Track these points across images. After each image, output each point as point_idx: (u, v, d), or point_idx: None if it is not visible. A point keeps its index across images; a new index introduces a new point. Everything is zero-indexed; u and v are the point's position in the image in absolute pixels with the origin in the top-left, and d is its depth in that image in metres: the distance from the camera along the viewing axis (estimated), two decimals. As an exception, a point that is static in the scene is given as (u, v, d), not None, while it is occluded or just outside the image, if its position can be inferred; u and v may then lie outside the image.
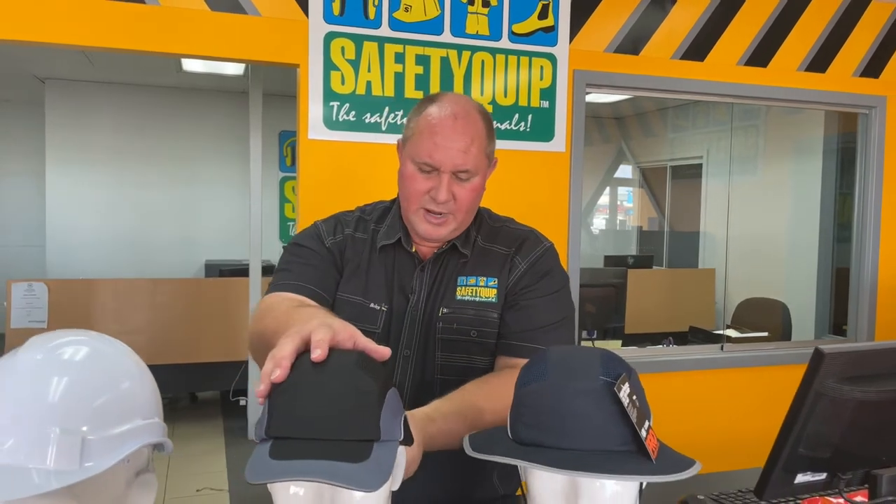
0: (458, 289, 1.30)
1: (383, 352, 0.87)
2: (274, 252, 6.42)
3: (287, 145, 6.84)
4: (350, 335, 0.87)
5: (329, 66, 2.76)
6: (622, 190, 7.61)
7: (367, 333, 1.24)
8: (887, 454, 1.14)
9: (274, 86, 5.24)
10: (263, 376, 0.83)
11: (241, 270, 5.31)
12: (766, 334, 4.13)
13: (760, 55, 3.33)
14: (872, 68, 3.49)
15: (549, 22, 3.01)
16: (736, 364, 3.41)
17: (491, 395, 1.14)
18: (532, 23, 2.99)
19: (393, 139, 2.83)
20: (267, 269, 5.48)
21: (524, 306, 1.29)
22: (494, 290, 1.30)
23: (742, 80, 3.31)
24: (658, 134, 6.86)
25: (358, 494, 0.79)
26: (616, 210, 7.64)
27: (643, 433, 0.83)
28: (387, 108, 2.83)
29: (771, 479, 1.09)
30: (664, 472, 0.80)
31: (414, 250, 1.34)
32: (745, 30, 3.29)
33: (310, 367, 0.83)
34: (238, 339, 4.79)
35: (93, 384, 0.76)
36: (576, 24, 3.05)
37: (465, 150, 1.24)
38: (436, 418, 1.02)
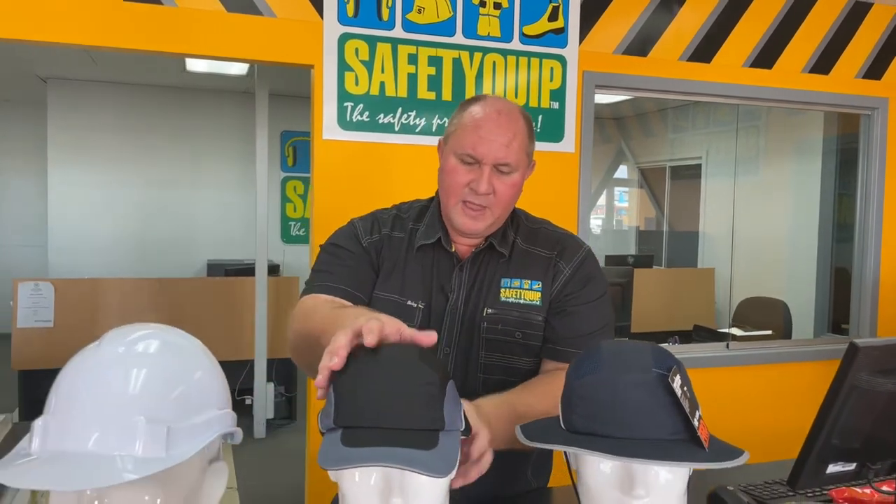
0: (502, 290, 1.33)
1: (430, 337, 0.90)
2: (276, 252, 6.44)
3: (289, 145, 6.86)
4: (396, 328, 0.89)
5: (343, 66, 2.78)
6: (617, 190, 7.66)
7: None
8: (916, 445, 1.18)
9: (277, 86, 5.26)
10: (322, 369, 0.86)
11: (246, 270, 5.32)
12: (769, 332, 4.18)
13: (765, 57, 3.37)
14: (875, 70, 3.54)
15: (559, 24, 3.04)
16: (741, 362, 3.45)
17: (544, 394, 1.17)
18: (542, 25, 3.02)
19: (406, 139, 2.88)
20: (272, 269, 5.51)
21: (571, 312, 1.32)
22: (538, 294, 1.33)
23: (747, 81, 3.36)
24: (658, 134, 6.91)
25: (424, 483, 0.82)
26: (613, 210, 7.69)
27: (695, 422, 0.86)
28: (400, 109, 2.86)
29: (805, 470, 1.12)
30: (717, 459, 0.83)
31: (453, 250, 1.36)
32: (750, 32, 3.34)
33: (373, 359, 0.86)
34: (243, 339, 4.81)
35: (170, 375, 0.79)
36: (585, 26, 3.09)
37: (508, 144, 1.28)
38: (491, 420, 1.04)
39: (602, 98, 3.17)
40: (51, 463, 0.70)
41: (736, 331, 4.14)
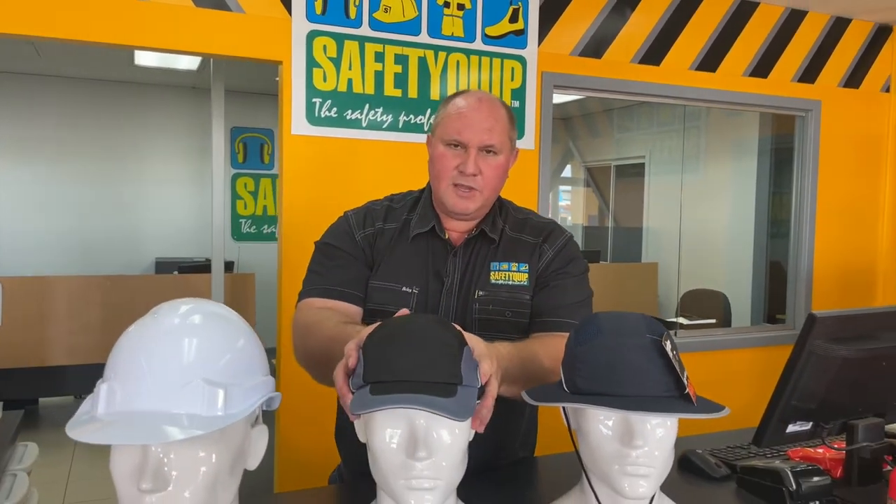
0: (492, 273, 1.43)
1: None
2: (227, 250, 6.38)
3: (239, 141, 6.80)
4: None
5: (311, 63, 2.83)
6: (563, 189, 7.87)
7: None
8: (864, 406, 1.33)
9: (227, 82, 5.22)
10: (339, 368, 0.98)
11: (198, 267, 5.28)
12: (714, 321, 4.41)
13: (709, 61, 3.58)
14: (809, 74, 3.80)
15: (519, 25, 3.16)
16: (688, 349, 3.64)
17: (546, 345, 1.29)
18: (503, 26, 3.14)
19: (373, 135, 2.96)
20: (226, 267, 5.46)
21: (554, 286, 1.44)
22: (525, 275, 1.44)
23: (693, 83, 3.56)
24: (604, 134, 7.14)
25: (446, 437, 0.91)
26: (558, 208, 7.89)
27: (685, 381, 0.97)
28: (367, 105, 2.93)
29: (768, 429, 1.26)
30: (706, 411, 0.95)
31: (446, 237, 1.46)
32: (696, 37, 3.53)
33: (398, 325, 0.96)
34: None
35: (219, 343, 0.85)
36: (544, 29, 3.22)
37: (491, 128, 1.39)
38: (501, 352, 1.13)
39: (555, 98, 3.31)
40: (120, 422, 0.76)
41: (682, 320, 4.36)
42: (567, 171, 7.74)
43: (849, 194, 3.97)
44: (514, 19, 3.16)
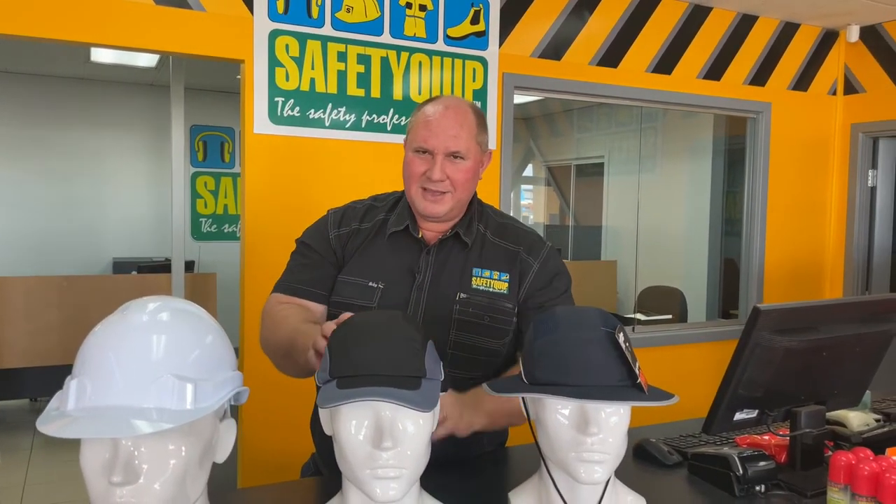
0: (474, 279, 1.49)
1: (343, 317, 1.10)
2: (187, 249, 6.29)
3: (199, 140, 6.73)
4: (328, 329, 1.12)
5: (274, 62, 2.84)
6: (524, 188, 7.96)
7: (363, 309, 1.43)
8: (805, 394, 1.40)
9: (187, 79, 5.16)
10: (312, 353, 1.11)
11: (157, 267, 5.21)
12: (670, 317, 4.52)
13: (665, 64, 3.68)
14: (760, 77, 3.93)
15: (480, 27, 3.21)
16: (646, 344, 3.75)
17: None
18: (465, 27, 3.18)
19: (336, 134, 2.98)
20: (187, 266, 5.40)
21: (544, 307, 1.48)
22: (506, 284, 1.49)
23: (649, 85, 3.65)
24: (564, 134, 7.24)
25: (410, 428, 0.95)
26: (520, 207, 7.98)
27: (636, 371, 1.02)
28: (330, 105, 2.94)
29: (717, 417, 1.32)
30: (656, 399, 1.00)
31: (420, 236, 1.51)
32: (652, 40, 3.63)
33: (363, 320, 0.99)
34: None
35: (188, 339, 0.87)
36: (505, 30, 3.27)
37: (456, 135, 1.44)
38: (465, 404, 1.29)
39: (515, 99, 3.36)
40: (91, 417, 0.78)
41: (640, 316, 4.46)
42: (529, 171, 7.84)
43: (797, 193, 4.11)
44: (475, 21, 3.20)
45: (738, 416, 1.36)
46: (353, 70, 2.98)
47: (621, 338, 1.03)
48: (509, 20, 3.29)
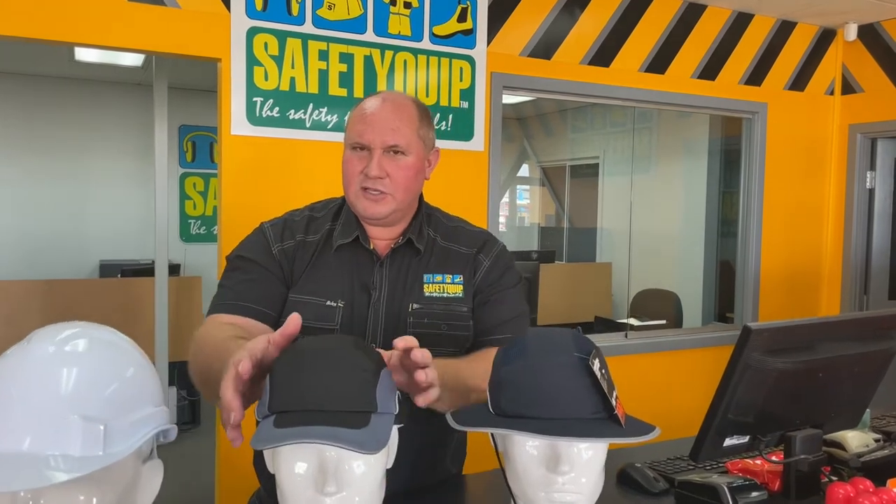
0: (426, 286, 1.37)
1: (294, 320, 0.94)
2: (175, 251, 6.20)
3: (188, 140, 6.62)
4: (264, 344, 0.92)
5: (252, 61, 2.74)
6: (521, 189, 7.87)
7: (325, 331, 1.30)
8: (801, 417, 1.31)
9: (174, 79, 5.06)
10: (226, 425, 0.88)
11: (143, 270, 5.10)
12: (664, 322, 4.43)
13: (658, 63, 3.58)
14: (755, 77, 3.83)
15: (467, 25, 3.11)
16: (639, 350, 3.65)
17: (480, 361, 1.23)
18: (452, 25, 3.08)
19: (317, 136, 2.87)
20: (172, 269, 5.30)
21: (494, 301, 1.39)
22: (460, 287, 1.38)
23: (642, 85, 3.55)
24: (558, 134, 7.15)
25: (358, 468, 0.85)
26: (515, 208, 7.89)
27: (613, 402, 0.93)
28: (311, 105, 2.84)
29: (704, 444, 1.23)
30: (634, 434, 0.90)
31: (371, 247, 1.38)
32: (644, 39, 3.53)
33: (308, 347, 0.89)
34: (143, 343, 4.52)
35: (103, 373, 0.77)
36: (493, 28, 3.17)
37: (395, 128, 1.32)
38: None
39: (505, 98, 3.27)
40: (-19, 465, 0.68)
41: (633, 321, 4.37)
42: (525, 171, 7.74)
43: (794, 195, 4.02)
44: (462, 18, 3.10)
45: (728, 441, 1.27)
46: (335, 69, 2.88)
47: (596, 364, 0.94)
48: (498, 18, 3.19)
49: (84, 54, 5.12)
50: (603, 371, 0.95)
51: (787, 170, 3.98)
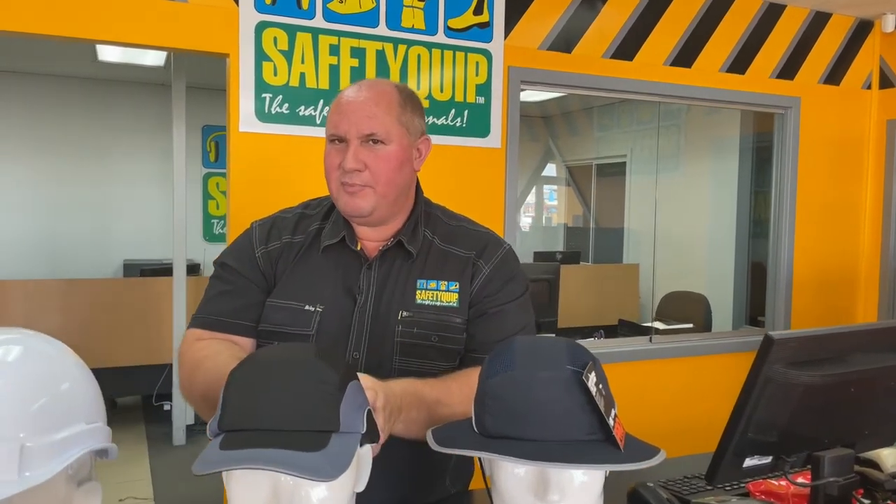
0: (418, 292, 1.27)
1: None
2: (197, 251, 6.20)
3: (211, 140, 6.62)
4: None
5: (261, 56, 2.67)
6: (547, 188, 7.74)
7: (299, 337, 1.21)
8: (829, 436, 1.18)
9: (198, 78, 5.05)
10: None
11: (163, 270, 5.10)
12: (690, 325, 4.28)
13: (685, 56, 3.44)
14: (788, 70, 3.66)
15: (484, 18, 3.01)
16: (664, 355, 3.51)
17: (452, 391, 1.12)
18: (467, 18, 2.98)
19: (327, 133, 2.79)
20: (192, 269, 5.30)
21: (493, 314, 1.27)
22: (456, 295, 1.27)
23: (668, 79, 3.41)
24: (584, 133, 7.01)
25: (318, 495, 0.76)
26: (542, 208, 7.77)
27: (611, 422, 0.82)
28: (321, 101, 2.76)
29: (721, 465, 1.11)
30: (633, 459, 0.80)
31: (359, 248, 1.29)
32: (670, 31, 3.39)
33: (265, 358, 0.81)
34: (161, 341, 4.60)
35: (30, 386, 0.69)
36: (510, 21, 3.07)
37: (371, 115, 1.23)
38: (395, 392, 1.01)
39: (530, 96, 3.16)
40: None
41: (659, 324, 4.22)
42: (552, 171, 7.61)
43: (829, 194, 3.84)
44: (478, 11, 3.00)
45: (749, 462, 1.15)
46: (346, 64, 2.79)
47: (592, 379, 0.83)
48: (515, 10, 3.08)
49: (107, 54, 5.14)
50: (600, 386, 0.84)
51: (821, 167, 3.80)
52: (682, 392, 3.46)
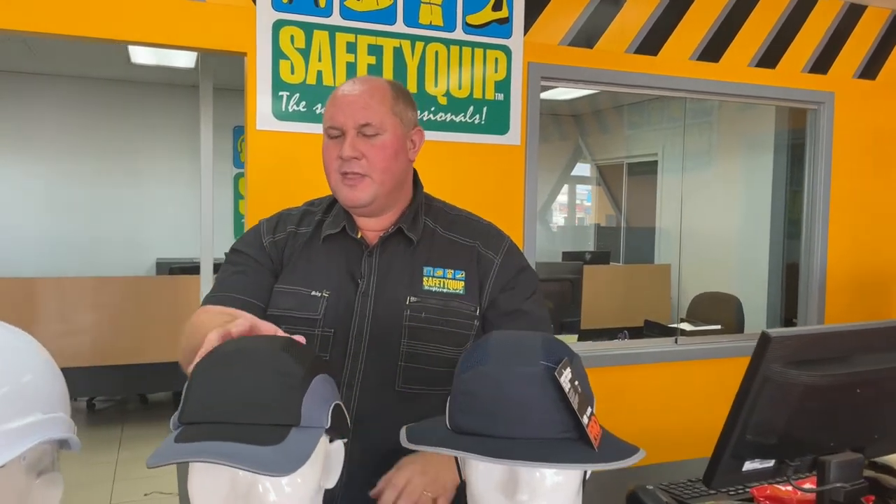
0: (425, 279, 1.32)
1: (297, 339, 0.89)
2: (228, 249, 6.28)
3: (241, 140, 6.70)
4: (248, 324, 0.90)
5: (278, 54, 2.68)
6: (581, 188, 7.66)
7: (308, 321, 1.25)
8: (835, 440, 1.12)
9: (228, 79, 5.10)
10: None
11: (193, 268, 5.17)
12: (718, 327, 4.17)
13: (712, 50, 3.35)
14: (821, 64, 3.55)
15: (503, 13, 2.98)
16: (689, 357, 3.43)
17: None
18: (486, 14, 2.95)
19: (344, 131, 2.79)
20: (218, 267, 5.36)
21: (520, 313, 1.31)
22: (462, 283, 1.32)
23: (694, 74, 3.33)
24: (614, 131, 6.91)
25: (278, 490, 0.74)
26: (574, 207, 7.69)
27: (585, 420, 0.79)
28: (338, 99, 2.76)
29: (719, 468, 1.07)
30: (606, 459, 0.76)
31: (359, 236, 1.34)
32: (696, 24, 3.31)
33: (230, 351, 0.79)
34: (189, 339, 4.66)
35: (-13, 376, 0.69)
36: (530, 17, 3.03)
37: (365, 105, 1.28)
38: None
39: (559, 94, 3.11)
40: None
41: (686, 326, 4.13)
42: (583, 170, 7.52)
43: (865, 193, 3.71)
44: (497, 7, 2.97)
45: (749, 465, 1.10)
46: (363, 62, 2.79)
47: (565, 375, 0.80)
48: (535, 5, 3.04)
49: (139, 56, 5.23)
50: (575, 383, 0.81)
51: (856, 165, 3.67)
52: (708, 394, 3.37)
